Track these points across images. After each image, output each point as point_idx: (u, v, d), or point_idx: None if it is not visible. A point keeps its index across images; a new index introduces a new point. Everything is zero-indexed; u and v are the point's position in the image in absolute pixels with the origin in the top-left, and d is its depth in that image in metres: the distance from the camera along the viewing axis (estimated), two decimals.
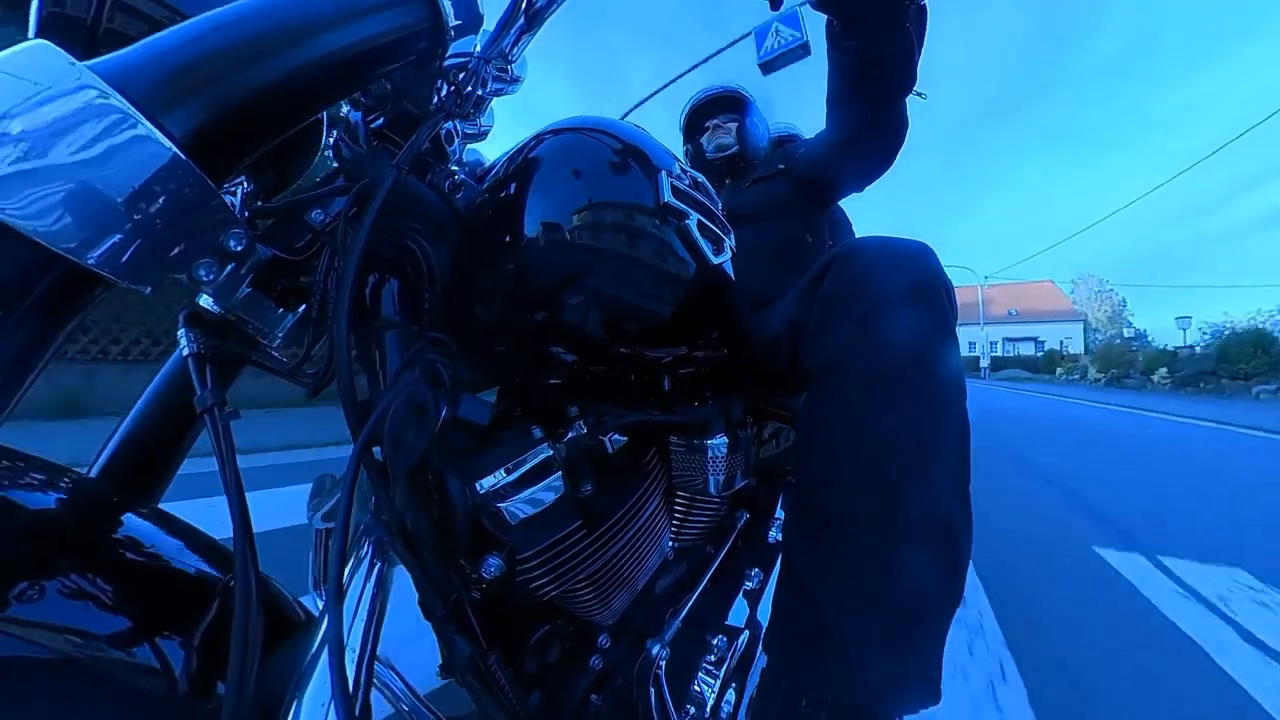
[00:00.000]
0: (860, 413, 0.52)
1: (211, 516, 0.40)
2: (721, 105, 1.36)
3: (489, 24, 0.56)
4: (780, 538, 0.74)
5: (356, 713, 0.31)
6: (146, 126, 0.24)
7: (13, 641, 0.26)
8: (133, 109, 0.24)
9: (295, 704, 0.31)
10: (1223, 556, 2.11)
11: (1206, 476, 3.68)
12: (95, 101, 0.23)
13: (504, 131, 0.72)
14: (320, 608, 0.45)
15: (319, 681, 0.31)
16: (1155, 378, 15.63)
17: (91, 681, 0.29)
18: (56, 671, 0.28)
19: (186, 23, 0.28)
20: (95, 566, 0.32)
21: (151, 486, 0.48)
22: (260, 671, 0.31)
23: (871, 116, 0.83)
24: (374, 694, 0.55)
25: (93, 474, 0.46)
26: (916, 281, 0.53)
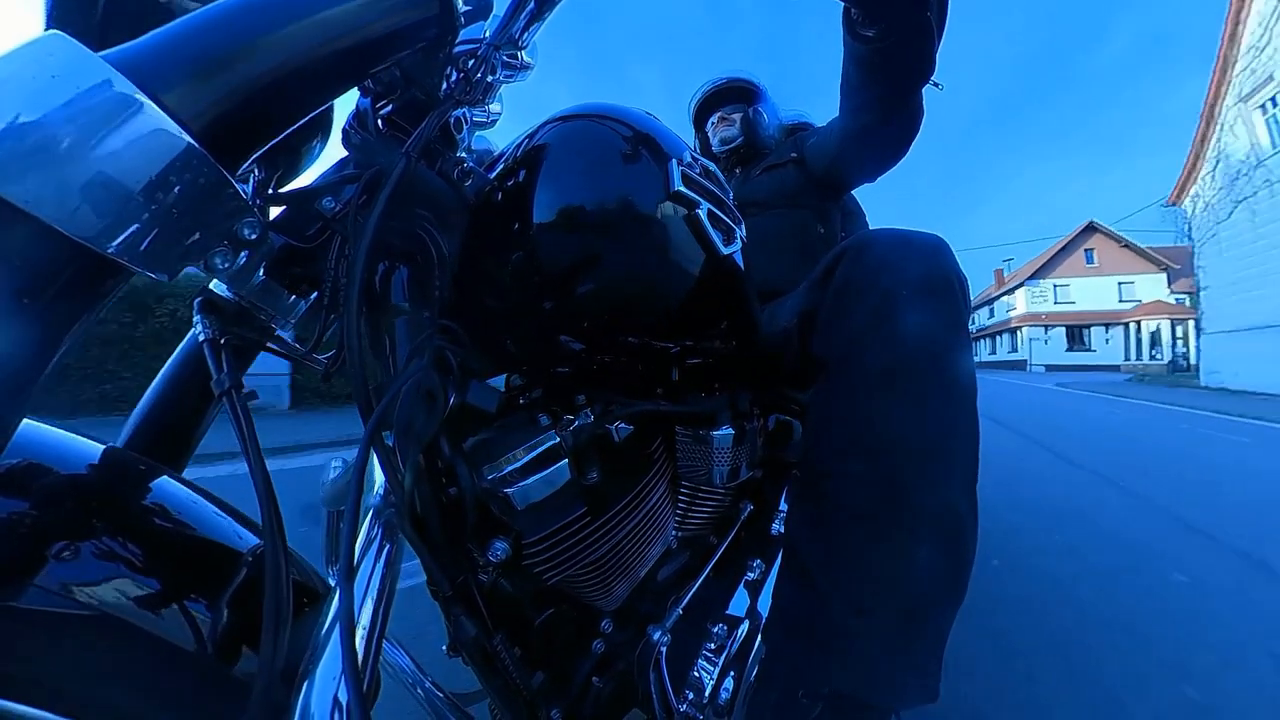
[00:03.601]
0: (870, 407, 0.52)
1: None
2: (729, 96, 1.34)
3: (499, 9, 0.55)
4: (783, 530, 0.75)
5: (365, 688, 0.32)
6: (161, 117, 0.25)
7: (51, 597, 0.28)
8: (147, 99, 0.24)
9: (309, 677, 0.32)
10: None
11: None
12: (110, 92, 0.24)
13: (513, 119, 0.71)
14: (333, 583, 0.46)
15: (331, 657, 0.33)
16: None
17: (123, 639, 0.30)
18: (89, 627, 0.29)
19: (197, 12, 0.28)
20: (126, 531, 0.33)
21: (176, 457, 0.50)
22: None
23: (887, 106, 0.81)
24: (384, 670, 0.56)
25: (120, 444, 0.48)
26: (930, 274, 0.52)
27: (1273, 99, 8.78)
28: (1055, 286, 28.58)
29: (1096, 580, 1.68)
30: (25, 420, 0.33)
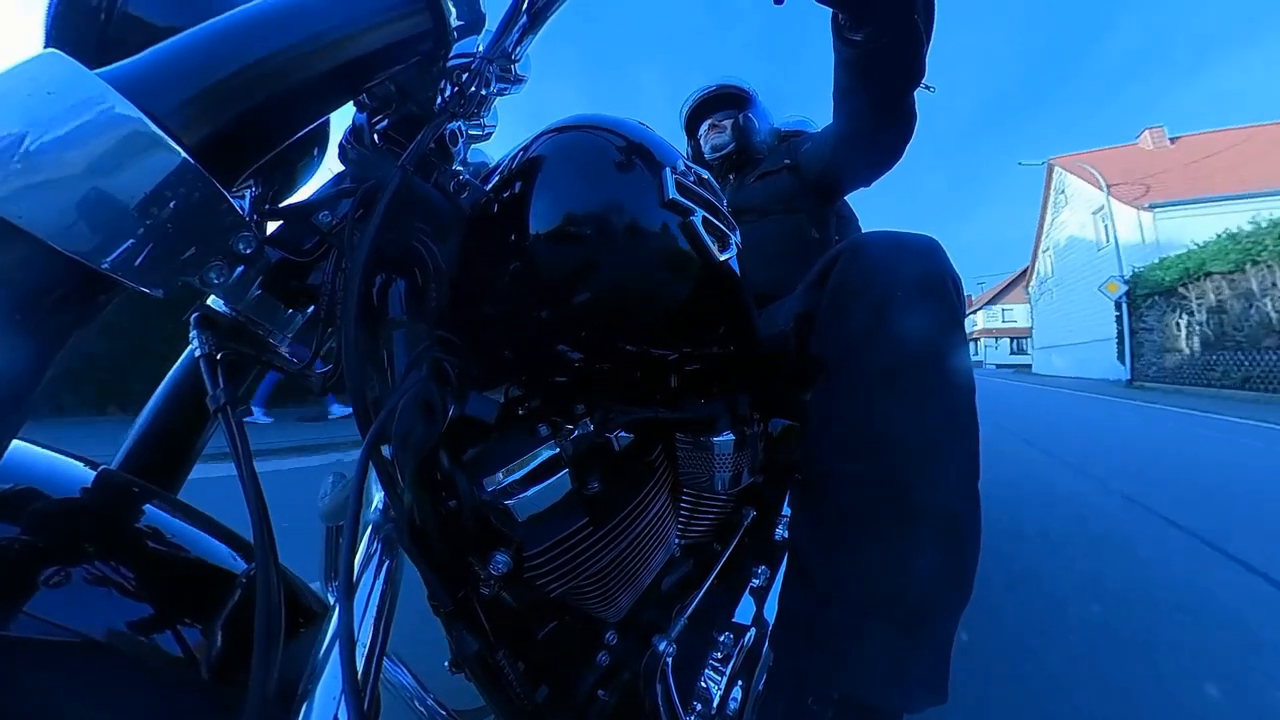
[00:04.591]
0: (869, 407, 0.52)
1: None
2: (720, 103, 1.35)
3: (491, 24, 0.56)
4: (787, 535, 0.74)
5: (366, 707, 0.31)
6: (157, 133, 0.25)
7: (41, 624, 0.27)
8: (143, 116, 0.24)
9: (308, 698, 0.32)
10: None
11: None
12: (107, 109, 0.24)
13: (508, 131, 0.72)
14: (332, 600, 0.45)
15: (330, 676, 0.32)
16: None
17: (114, 665, 0.30)
18: (81, 654, 0.28)
19: (193, 30, 0.29)
20: (119, 554, 0.33)
21: (171, 478, 0.50)
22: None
23: (879, 110, 0.82)
24: (384, 687, 0.55)
25: (114, 466, 0.48)
26: (925, 275, 0.53)
27: (1052, 255, 20.92)
28: (1003, 310, 40.94)
29: None
30: (16, 442, 0.32)
